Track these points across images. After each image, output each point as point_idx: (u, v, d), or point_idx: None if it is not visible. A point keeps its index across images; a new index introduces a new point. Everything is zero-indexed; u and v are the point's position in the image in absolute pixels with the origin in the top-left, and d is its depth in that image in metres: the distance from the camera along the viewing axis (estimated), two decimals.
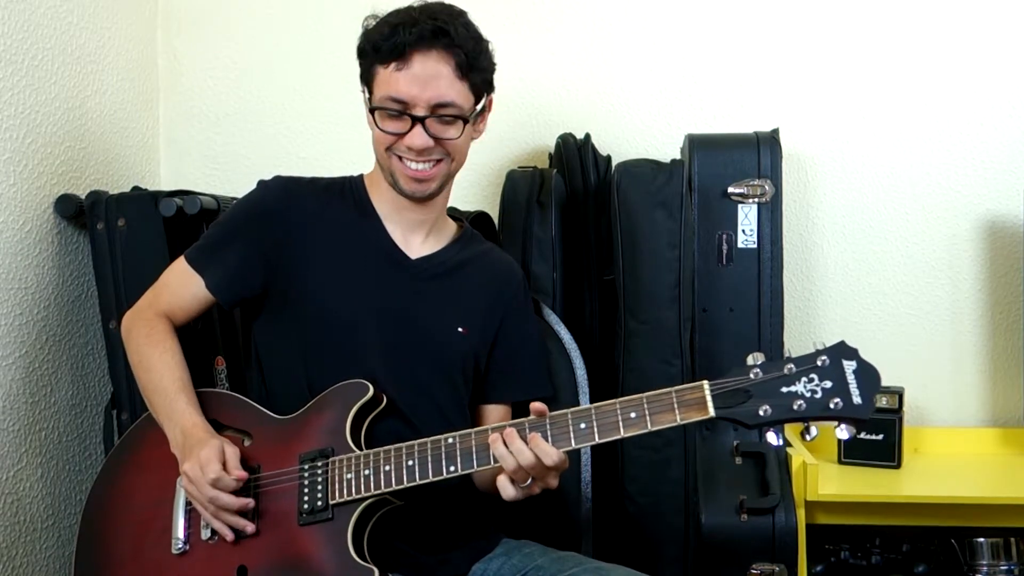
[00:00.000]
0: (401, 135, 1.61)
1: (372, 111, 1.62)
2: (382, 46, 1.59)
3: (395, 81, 1.59)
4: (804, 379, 1.38)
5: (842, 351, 1.40)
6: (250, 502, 1.54)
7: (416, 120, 1.59)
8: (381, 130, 1.62)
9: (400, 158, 1.63)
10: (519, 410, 1.79)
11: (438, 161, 1.64)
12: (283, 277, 1.69)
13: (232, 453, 1.55)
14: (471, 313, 1.74)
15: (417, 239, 1.74)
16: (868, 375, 1.39)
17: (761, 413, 1.38)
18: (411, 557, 1.62)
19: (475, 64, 1.62)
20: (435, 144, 1.61)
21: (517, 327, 1.80)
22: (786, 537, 1.88)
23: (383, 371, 1.64)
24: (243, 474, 1.54)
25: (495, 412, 1.79)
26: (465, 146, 1.68)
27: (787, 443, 2.04)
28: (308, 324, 1.67)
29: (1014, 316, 2.34)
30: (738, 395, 1.39)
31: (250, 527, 1.54)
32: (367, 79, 1.65)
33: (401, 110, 1.59)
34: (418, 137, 1.59)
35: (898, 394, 2.15)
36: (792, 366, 1.39)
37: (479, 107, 1.66)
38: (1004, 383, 2.35)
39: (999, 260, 2.35)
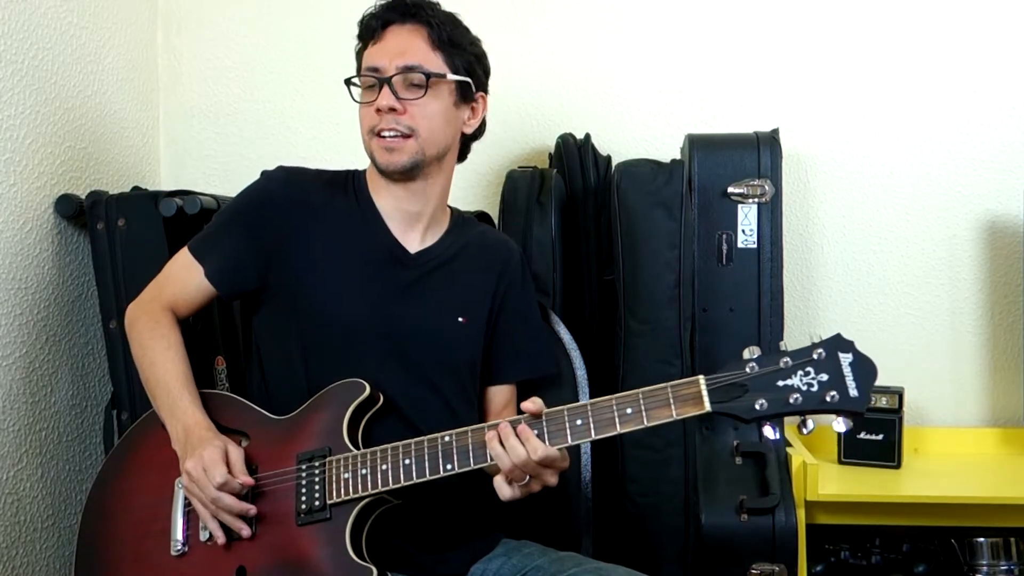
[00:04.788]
0: (372, 104, 1.64)
1: (348, 84, 1.69)
2: (361, 30, 1.69)
3: (369, 56, 1.67)
4: (800, 372, 1.37)
5: (838, 344, 1.39)
6: (252, 508, 1.54)
7: (382, 83, 1.63)
8: (357, 101, 1.68)
9: (379, 135, 1.65)
10: (525, 388, 1.80)
11: (406, 136, 1.64)
12: (282, 270, 1.68)
13: (236, 454, 1.55)
14: (470, 301, 1.74)
15: (416, 234, 1.73)
16: (864, 368, 1.37)
17: (757, 407, 1.37)
18: (410, 556, 1.61)
19: (452, 38, 1.67)
20: (401, 108, 1.63)
21: (516, 306, 1.80)
22: (786, 537, 1.88)
23: (384, 369, 1.63)
24: (249, 480, 1.54)
25: (500, 393, 1.80)
26: (435, 117, 1.66)
27: (787, 443, 2.04)
28: (307, 320, 1.67)
29: (1014, 316, 2.34)
30: (734, 389, 1.38)
31: (246, 531, 1.53)
32: (357, 68, 1.71)
33: (374, 79, 1.65)
34: (384, 97, 1.62)
35: (898, 394, 2.15)
36: (788, 359, 1.38)
37: (458, 80, 1.67)
38: (1004, 383, 2.35)
39: (999, 260, 2.35)
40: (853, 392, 1.36)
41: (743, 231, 2.09)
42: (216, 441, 1.56)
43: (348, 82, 1.69)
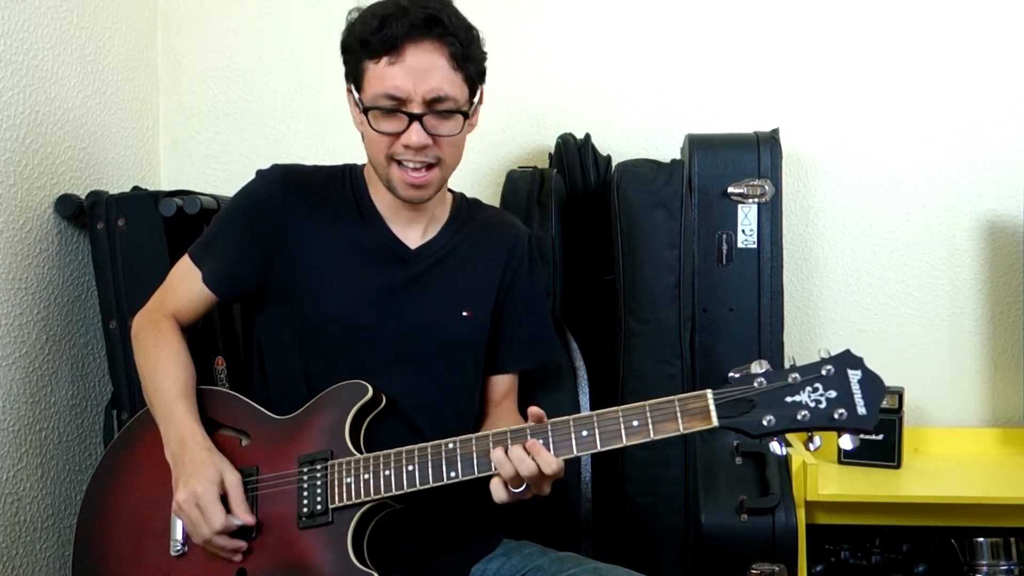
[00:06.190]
0: (397, 135, 1.55)
1: (366, 111, 1.54)
2: (371, 40, 1.52)
3: (388, 76, 1.51)
4: (808, 388, 1.37)
5: (847, 360, 1.38)
6: (244, 545, 1.52)
7: (413, 118, 1.53)
8: (375, 131, 1.55)
9: (399, 163, 1.57)
10: (526, 381, 1.81)
11: (431, 166, 1.58)
12: (281, 270, 1.66)
13: (234, 486, 1.52)
14: (475, 293, 1.71)
15: (416, 229, 1.70)
16: (873, 385, 1.36)
17: (765, 423, 1.36)
18: (412, 560, 1.61)
19: (469, 54, 1.56)
20: (432, 142, 1.55)
21: (522, 293, 1.77)
22: (786, 537, 1.88)
23: (385, 367, 1.62)
24: (250, 519, 1.51)
25: (502, 382, 1.78)
26: (461, 143, 1.62)
27: (787, 443, 2.04)
28: (305, 320, 1.65)
29: (1014, 316, 2.34)
30: (742, 404, 1.37)
31: (238, 557, 1.52)
32: (354, 77, 1.58)
33: (396, 107, 1.53)
34: (415, 134, 1.52)
35: (898, 394, 2.15)
36: (797, 375, 1.37)
37: (475, 100, 1.60)
38: (1004, 383, 2.35)
39: (999, 260, 2.35)
40: (861, 410, 1.35)
41: (743, 231, 2.09)
42: (210, 471, 1.52)
43: (367, 110, 1.54)
